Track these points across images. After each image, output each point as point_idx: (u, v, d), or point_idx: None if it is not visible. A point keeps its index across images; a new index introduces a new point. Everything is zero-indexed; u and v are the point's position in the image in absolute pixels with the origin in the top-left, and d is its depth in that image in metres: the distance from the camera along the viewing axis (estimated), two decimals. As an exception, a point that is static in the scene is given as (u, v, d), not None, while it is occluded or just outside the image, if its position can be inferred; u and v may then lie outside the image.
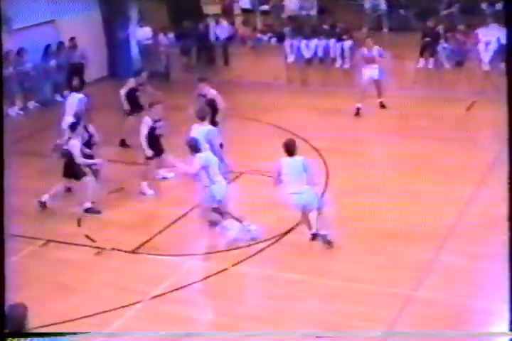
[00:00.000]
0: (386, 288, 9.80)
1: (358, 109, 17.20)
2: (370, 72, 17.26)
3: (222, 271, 10.69)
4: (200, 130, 12.37)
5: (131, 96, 15.98)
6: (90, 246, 11.61)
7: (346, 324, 9.03)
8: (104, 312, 9.57)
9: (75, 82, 18.31)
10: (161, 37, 23.13)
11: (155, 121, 13.32)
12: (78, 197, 13.06)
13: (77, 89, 15.80)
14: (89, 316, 9.48)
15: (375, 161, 14.28)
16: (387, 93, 17.67)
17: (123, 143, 16.22)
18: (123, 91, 15.91)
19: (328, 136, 15.64)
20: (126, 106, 15.99)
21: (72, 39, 20.62)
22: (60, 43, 20.45)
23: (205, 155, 11.31)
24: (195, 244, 11.63)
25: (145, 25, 23.12)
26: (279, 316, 9.37)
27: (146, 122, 13.33)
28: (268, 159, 14.59)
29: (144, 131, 13.27)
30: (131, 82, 16.15)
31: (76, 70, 20.46)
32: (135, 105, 15.98)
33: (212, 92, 14.38)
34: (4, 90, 18.33)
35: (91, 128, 13.54)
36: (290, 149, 11.10)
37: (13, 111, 19.21)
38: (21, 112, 19.39)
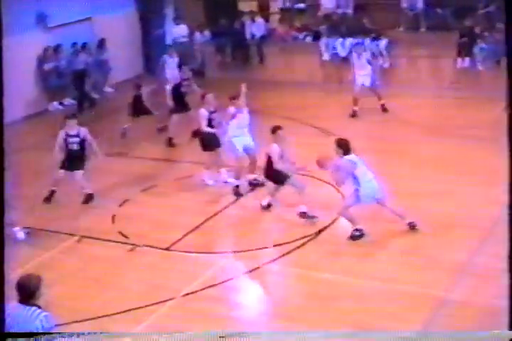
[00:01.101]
0: (420, 289, 9.71)
1: (355, 112, 17.04)
2: (361, 78, 17.03)
3: (255, 269, 10.67)
4: None
5: (176, 92, 15.97)
6: (124, 243, 11.64)
7: (379, 324, 8.95)
8: (137, 308, 9.58)
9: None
10: (197, 34, 23.16)
11: (211, 113, 13.30)
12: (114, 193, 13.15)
13: None
14: (122, 312, 9.50)
15: (412, 161, 14.13)
16: (425, 92, 17.50)
17: (170, 142, 16.06)
18: (168, 87, 15.85)
19: (364, 135, 15.55)
20: (171, 104, 16.00)
21: (82, 44, 19.91)
22: (102, 40, 20.54)
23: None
24: (228, 242, 11.63)
25: (181, 23, 23.17)
26: (312, 315, 9.31)
27: (203, 114, 13.29)
28: (304, 158, 14.62)
29: (203, 123, 13.25)
30: (175, 78, 16.17)
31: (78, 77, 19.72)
32: (180, 102, 15.95)
33: None
34: (43, 86, 18.66)
35: None
36: (348, 148, 11.00)
37: (52, 106, 19.39)
38: (61, 107, 19.54)
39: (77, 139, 12.95)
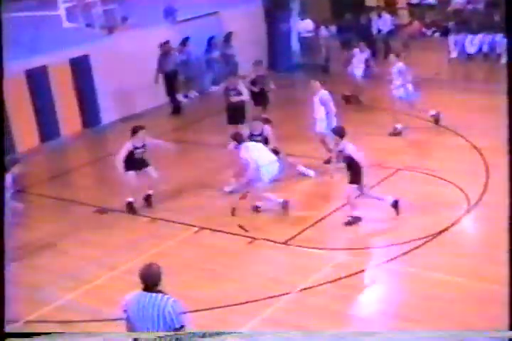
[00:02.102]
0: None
1: (395, 129, 15.87)
2: (397, 91, 16.02)
3: (373, 267, 10.54)
4: None
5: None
6: (243, 236, 11.71)
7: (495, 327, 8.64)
8: (253, 301, 9.60)
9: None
10: (322, 29, 23.05)
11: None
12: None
13: None
14: (238, 304, 9.55)
15: None
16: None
17: None
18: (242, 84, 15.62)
19: (490, 135, 15.07)
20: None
21: (166, 43, 18.90)
22: (229, 34, 20.65)
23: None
24: (347, 239, 11.52)
25: (306, 18, 23.13)
26: (428, 316, 9.09)
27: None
28: (424, 156, 14.36)
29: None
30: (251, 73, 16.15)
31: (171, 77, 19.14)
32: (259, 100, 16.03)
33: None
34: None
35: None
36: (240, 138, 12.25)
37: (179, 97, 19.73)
38: (185, 100, 19.88)
39: (142, 150, 12.81)
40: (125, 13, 17.81)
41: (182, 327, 6.49)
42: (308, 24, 23.11)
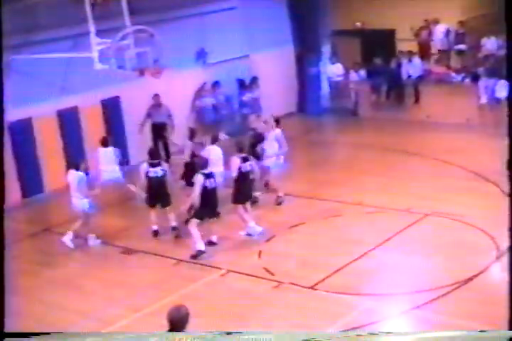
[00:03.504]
0: None
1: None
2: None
3: (400, 313, 10.39)
4: None
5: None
6: (269, 279, 11.62)
7: None
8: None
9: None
10: (352, 73, 23.14)
11: None
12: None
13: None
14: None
15: None
16: None
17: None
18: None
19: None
20: None
21: (155, 96, 18.24)
22: (254, 78, 20.78)
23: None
24: (373, 284, 11.38)
25: (336, 62, 23.24)
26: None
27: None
28: (451, 202, 14.22)
29: None
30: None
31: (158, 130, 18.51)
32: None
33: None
34: (199, 120, 19.06)
35: None
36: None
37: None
38: (227, 137, 19.65)
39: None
40: (157, 56, 17.98)
41: None
42: (338, 68, 23.22)
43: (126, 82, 16.58)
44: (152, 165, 13.57)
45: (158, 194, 13.63)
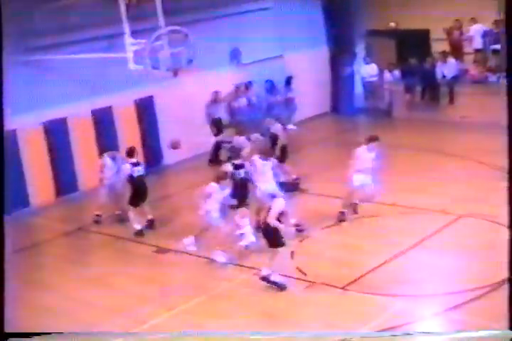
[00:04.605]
0: None
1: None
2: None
3: (433, 315, 10.30)
4: None
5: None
6: (301, 279, 11.60)
7: None
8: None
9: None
10: (386, 73, 23.01)
11: None
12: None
13: None
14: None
15: None
16: None
17: None
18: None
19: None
20: None
21: (215, 93, 18.93)
22: (289, 77, 20.74)
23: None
24: (406, 285, 11.31)
25: (371, 62, 23.14)
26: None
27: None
28: (486, 202, 14.10)
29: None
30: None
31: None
32: None
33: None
34: (234, 121, 19.18)
35: None
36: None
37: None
38: (260, 137, 19.74)
39: None
40: (191, 56, 18.05)
41: None
42: (372, 68, 23.11)
43: (160, 83, 16.65)
44: (134, 165, 13.89)
45: (144, 192, 14.11)
